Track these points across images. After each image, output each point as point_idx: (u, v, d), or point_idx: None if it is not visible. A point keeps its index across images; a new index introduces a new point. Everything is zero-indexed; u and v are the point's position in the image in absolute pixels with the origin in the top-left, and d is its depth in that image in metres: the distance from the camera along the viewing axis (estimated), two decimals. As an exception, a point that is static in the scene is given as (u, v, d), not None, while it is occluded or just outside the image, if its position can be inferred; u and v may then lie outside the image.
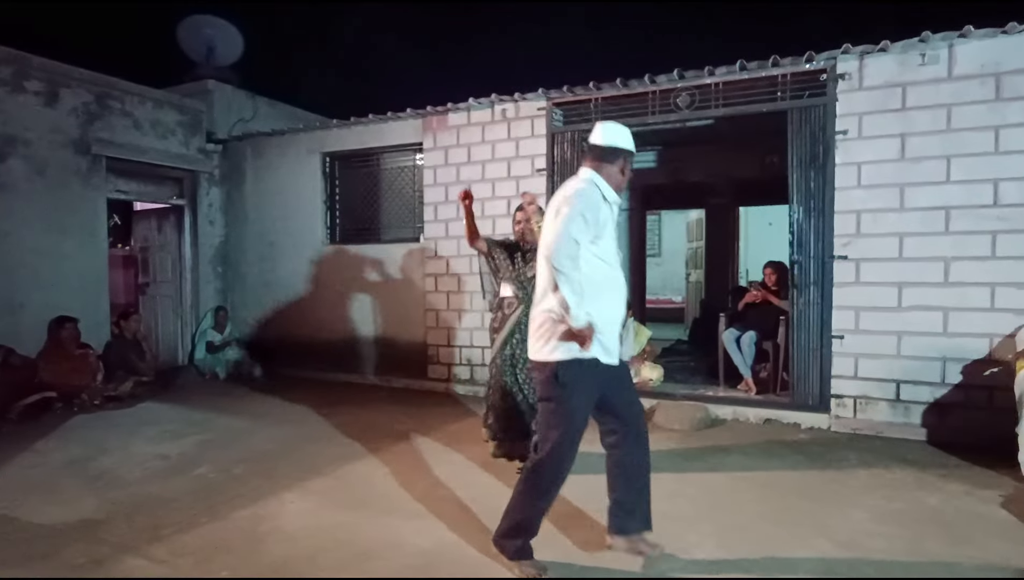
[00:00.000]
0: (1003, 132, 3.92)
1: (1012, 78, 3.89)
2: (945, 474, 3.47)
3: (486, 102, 5.61)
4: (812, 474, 3.51)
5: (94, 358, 5.46)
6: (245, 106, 7.60)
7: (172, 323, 7.13)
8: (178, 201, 6.98)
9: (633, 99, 5.06)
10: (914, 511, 2.98)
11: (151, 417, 4.92)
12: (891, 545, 2.62)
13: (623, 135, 2.46)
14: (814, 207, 4.45)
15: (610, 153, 2.42)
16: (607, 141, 2.43)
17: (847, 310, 4.37)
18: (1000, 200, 3.94)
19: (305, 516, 2.98)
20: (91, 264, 5.99)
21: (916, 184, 4.15)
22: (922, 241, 4.15)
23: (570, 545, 2.64)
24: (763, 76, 4.59)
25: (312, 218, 6.68)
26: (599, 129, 2.46)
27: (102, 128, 6.04)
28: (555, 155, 5.35)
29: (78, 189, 5.86)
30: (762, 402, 4.81)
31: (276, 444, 4.17)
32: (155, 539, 2.73)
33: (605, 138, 2.44)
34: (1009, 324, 3.88)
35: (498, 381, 3.59)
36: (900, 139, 4.19)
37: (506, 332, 3.56)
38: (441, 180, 5.90)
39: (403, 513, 2.99)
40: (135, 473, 3.61)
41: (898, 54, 4.19)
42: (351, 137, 6.42)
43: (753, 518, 2.89)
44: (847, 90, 4.32)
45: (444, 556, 2.56)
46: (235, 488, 3.34)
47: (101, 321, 6.03)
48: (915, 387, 4.18)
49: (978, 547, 2.60)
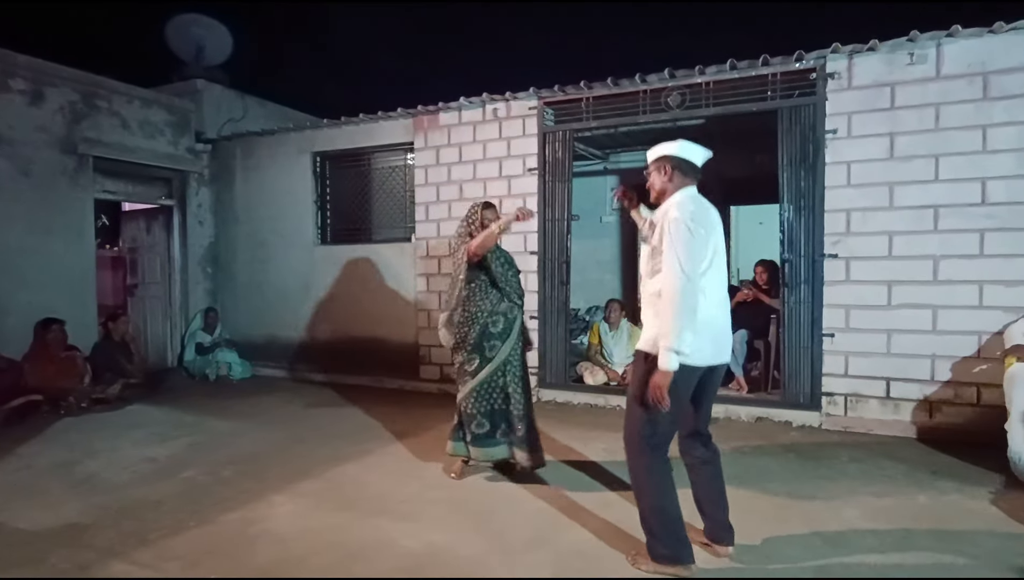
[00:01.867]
0: (990, 131, 3.95)
1: (999, 77, 3.92)
2: (935, 471, 3.49)
3: (477, 101, 5.59)
4: (803, 472, 3.52)
5: (81, 360, 5.40)
6: (235, 106, 7.54)
7: (161, 324, 7.07)
8: (167, 201, 6.92)
9: (624, 98, 5.06)
10: (905, 508, 2.99)
11: (139, 419, 4.87)
12: (882, 542, 2.63)
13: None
14: (804, 206, 4.47)
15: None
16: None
17: (837, 308, 4.39)
18: (988, 198, 3.97)
19: (295, 519, 2.95)
20: (78, 265, 5.92)
21: (905, 183, 4.17)
22: (911, 239, 4.17)
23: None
24: (753, 75, 4.60)
25: (303, 218, 6.64)
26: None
27: (89, 127, 5.97)
28: (546, 154, 5.34)
29: (65, 189, 5.79)
30: (753, 401, 4.82)
31: (266, 446, 4.13)
32: (142, 543, 2.69)
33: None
34: (997, 321, 3.91)
35: (509, 385, 3.35)
36: (889, 138, 4.21)
37: (515, 338, 3.38)
38: (432, 180, 5.88)
39: (394, 515, 2.96)
40: (122, 476, 3.56)
41: (886, 53, 4.21)
42: (342, 137, 6.38)
43: (745, 517, 2.88)
44: (836, 89, 4.34)
45: (435, 558, 2.54)
46: (224, 491, 3.31)
47: (89, 323, 5.96)
48: (905, 385, 4.21)
49: (969, 543, 2.61)
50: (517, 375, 3.37)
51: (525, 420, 3.34)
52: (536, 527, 2.80)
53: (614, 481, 3.36)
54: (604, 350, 5.61)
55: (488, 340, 3.32)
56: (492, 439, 3.35)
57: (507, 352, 3.35)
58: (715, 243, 2.37)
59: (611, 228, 8.02)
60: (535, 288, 5.42)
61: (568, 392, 5.34)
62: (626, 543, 2.63)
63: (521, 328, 3.45)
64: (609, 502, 3.09)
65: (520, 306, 3.46)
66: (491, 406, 3.35)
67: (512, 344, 3.36)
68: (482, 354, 3.33)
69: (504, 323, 3.35)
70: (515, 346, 3.38)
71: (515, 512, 2.98)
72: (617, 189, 2.80)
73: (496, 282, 3.37)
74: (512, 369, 3.37)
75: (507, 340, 3.35)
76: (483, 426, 3.34)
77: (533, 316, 5.43)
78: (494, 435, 3.35)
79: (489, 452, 3.36)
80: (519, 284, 3.51)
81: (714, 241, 2.37)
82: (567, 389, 5.35)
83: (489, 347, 3.32)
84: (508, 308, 3.38)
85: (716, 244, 2.38)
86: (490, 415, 3.34)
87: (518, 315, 3.42)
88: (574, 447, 4.01)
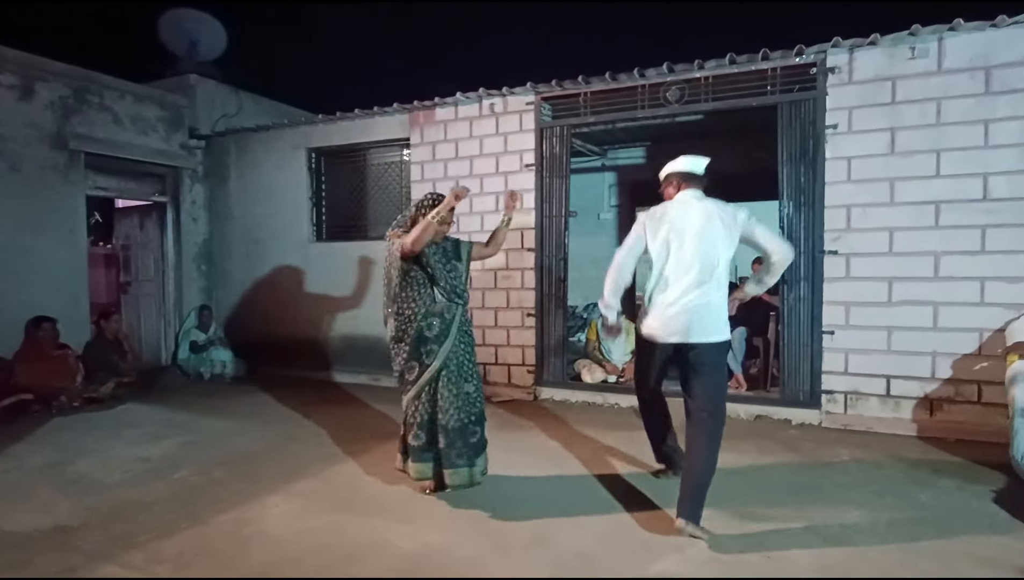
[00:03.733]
0: (992, 126, 3.91)
1: (1001, 71, 3.88)
2: (936, 469, 3.46)
3: (474, 96, 5.53)
4: (803, 471, 3.48)
5: (73, 359, 5.33)
6: (229, 101, 7.46)
7: (155, 322, 7.00)
8: (160, 198, 6.85)
9: (622, 93, 5.01)
10: (906, 507, 2.96)
11: (132, 419, 4.81)
12: (883, 541, 2.59)
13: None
14: (804, 202, 4.43)
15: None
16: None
17: (837, 305, 4.35)
18: (989, 194, 3.93)
19: (289, 519, 2.90)
20: (70, 262, 5.85)
21: (906, 178, 4.14)
22: (912, 235, 4.14)
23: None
24: (753, 70, 4.55)
25: (298, 215, 6.58)
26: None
27: (80, 123, 5.89)
28: (544, 150, 5.29)
29: (56, 185, 5.72)
30: (753, 398, 4.79)
31: (260, 445, 4.08)
32: (132, 546, 2.63)
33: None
34: (999, 318, 3.88)
35: (440, 392, 3.03)
36: (890, 133, 4.17)
37: (452, 340, 3.06)
38: (428, 176, 5.82)
39: (389, 515, 2.92)
40: (113, 477, 3.50)
41: (888, 47, 4.17)
42: (337, 133, 6.32)
43: (745, 516, 2.86)
44: (837, 84, 4.30)
45: (430, 559, 2.50)
46: (217, 491, 3.25)
47: (81, 321, 5.90)
48: (905, 382, 4.18)
49: (971, 543, 2.58)
50: (451, 381, 3.03)
51: (449, 433, 2.99)
52: (534, 527, 2.76)
53: (612, 481, 3.32)
54: (602, 347, 5.57)
55: (424, 345, 3.03)
56: (422, 454, 3.05)
57: (444, 357, 3.03)
58: (664, 235, 2.79)
59: (609, 225, 7.97)
60: (532, 285, 5.37)
61: (566, 390, 5.30)
62: (623, 544, 2.59)
63: (463, 326, 3.14)
64: (605, 503, 3.05)
65: (461, 303, 3.14)
66: (425, 416, 3.05)
67: (449, 348, 3.04)
68: (420, 361, 3.03)
69: (440, 325, 3.04)
70: (453, 349, 3.06)
71: (512, 512, 2.94)
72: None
73: (435, 279, 3.08)
74: (448, 374, 3.03)
75: (443, 343, 3.04)
76: (419, 438, 3.05)
77: (530, 313, 5.39)
78: (422, 449, 3.05)
79: (421, 469, 3.07)
80: (461, 279, 3.18)
81: (663, 233, 2.79)
82: (565, 387, 5.31)
83: (426, 353, 3.03)
84: (445, 307, 3.07)
85: (666, 236, 2.78)
86: (422, 426, 3.05)
87: (456, 314, 3.10)
88: (573, 445, 3.97)
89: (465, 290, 3.21)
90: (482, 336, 5.63)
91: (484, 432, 3.18)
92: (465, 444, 3.04)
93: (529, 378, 5.43)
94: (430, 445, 3.05)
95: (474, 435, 3.09)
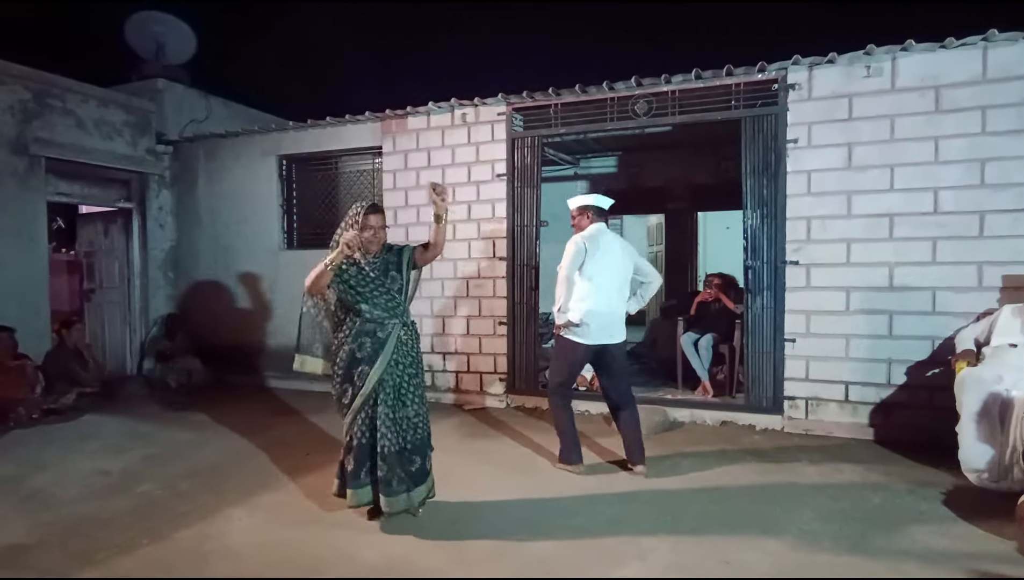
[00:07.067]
0: (941, 142, 4.08)
1: (950, 91, 4.06)
2: (889, 472, 3.59)
3: (446, 106, 5.56)
4: (764, 476, 3.57)
5: (32, 369, 5.18)
6: (197, 106, 7.36)
7: (120, 331, 6.84)
8: (125, 204, 6.71)
9: (592, 105, 5.09)
10: (860, 509, 3.07)
11: (93, 431, 4.70)
12: (837, 544, 2.68)
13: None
14: (767, 213, 4.55)
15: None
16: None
17: (799, 314, 4.48)
18: (939, 208, 4.10)
19: (252, 533, 2.87)
20: (30, 270, 5.69)
21: (862, 192, 4.29)
22: (868, 247, 4.29)
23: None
24: (718, 85, 4.68)
25: (268, 222, 6.51)
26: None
27: (41, 127, 5.75)
28: (515, 160, 5.34)
29: (14, 191, 5.57)
30: (718, 405, 4.89)
31: (226, 457, 4.03)
32: (89, 563, 2.58)
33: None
34: (949, 327, 4.04)
35: (378, 416, 2.85)
36: (847, 148, 4.32)
37: (385, 361, 2.86)
38: (401, 184, 5.83)
39: (355, 527, 2.91)
40: (72, 492, 3.42)
41: (845, 66, 4.32)
42: (308, 140, 6.28)
43: (706, 521, 2.93)
44: (797, 100, 4.44)
45: (393, 571, 2.51)
46: (180, 505, 3.20)
47: (41, 330, 5.74)
48: (863, 388, 4.32)
49: (920, 543, 2.69)
50: (387, 405, 2.84)
51: (387, 459, 2.81)
52: (498, 537, 2.78)
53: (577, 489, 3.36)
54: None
55: (356, 366, 2.85)
56: (358, 479, 2.86)
57: (376, 378, 2.83)
58: (599, 256, 3.53)
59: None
60: (504, 293, 5.41)
61: (537, 398, 5.33)
62: (586, 552, 2.63)
63: (404, 346, 2.92)
64: (573, 511, 3.09)
65: (397, 317, 2.92)
66: (363, 441, 2.86)
67: (383, 369, 2.84)
68: (352, 382, 2.86)
69: (372, 345, 2.85)
70: (389, 371, 2.86)
71: (477, 523, 2.96)
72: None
73: (362, 299, 2.88)
74: (385, 397, 2.84)
75: (375, 363, 2.83)
76: (356, 463, 2.86)
77: (502, 321, 5.42)
78: (359, 475, 2.86)
79: (357, 495, 2.87)
80: (399, 293, 2.95)
81: (599, 254, 3.53)
82: (537, 395, 5.34)
83: (358, 374, 2.84)
84: (376, 327, 2.87)
85: (600, 257, 3.53)
86: (359, 451, 2.86)
87: (392, 331, 2.89)
88: (541, 453, 4.00)
89: (402, 304, 2.96)
90: (454, 344, 5.64)
91: (427, 461, 3.00)
92: (404, 471, 2.87)
93: (501, 386, 5.46)
94: (369, 471, 2.87)
95: (413, 464, 2.92)
